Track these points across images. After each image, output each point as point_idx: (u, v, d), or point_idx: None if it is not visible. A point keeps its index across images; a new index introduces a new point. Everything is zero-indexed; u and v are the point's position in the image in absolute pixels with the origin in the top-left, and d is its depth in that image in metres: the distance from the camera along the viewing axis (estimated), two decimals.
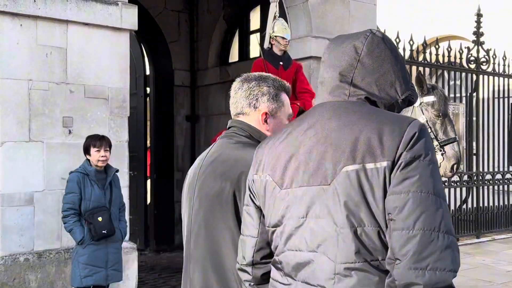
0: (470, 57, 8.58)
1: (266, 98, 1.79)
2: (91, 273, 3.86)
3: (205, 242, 1.72)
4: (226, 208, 1.67)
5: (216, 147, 1.83)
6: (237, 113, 1.84)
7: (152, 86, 8.42)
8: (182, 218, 1.90)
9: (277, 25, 4.88)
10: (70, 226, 3.87)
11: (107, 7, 4.50)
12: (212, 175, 1.73)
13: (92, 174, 3.92)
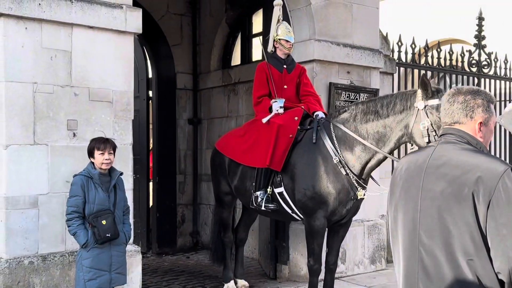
0: (471, 60, 8.60)
1: (481, 110, 2.08)
2: (95, 277, 3.85)
3: (440, 233, 1.94)
4: (465, 205, 1.89)
5: (440, 152, 2.06)
6: (453, 122, 2.12)
7: (155, 89, 8.42)
8: (389, 214, 2.19)
9: (280, 28, 4.90)
10: (74, 229, 3.85)
11: (111, 10, 4.51)
12: (445, 177, 1.97)
13: (96, 177, 3.90)
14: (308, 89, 4.90)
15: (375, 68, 6.58)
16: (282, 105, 4.61)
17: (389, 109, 4.26)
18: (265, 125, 4.59)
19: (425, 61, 7.94)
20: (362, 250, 6.41)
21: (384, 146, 4.33)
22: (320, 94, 6.09)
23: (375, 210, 6.62)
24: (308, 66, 6.07)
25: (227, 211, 5.39)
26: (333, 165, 4.38)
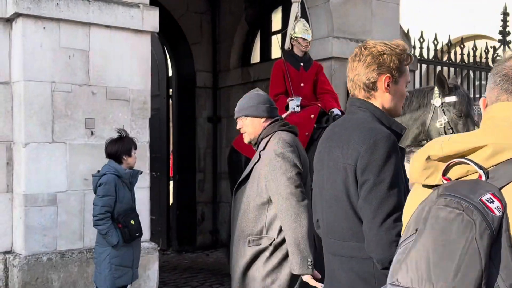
0: (496, 56, 8.41)
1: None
2: (122, 274, 3.87)
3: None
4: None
5: None
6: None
7: (175, 87, 8.47)
8: None
9: (298, 26, 4.86)
10: (106, 229, 3.80)
11: (128, 9, 4.53)
12: None
13: (127, 176, 3.90)
14: (325, 86, 4.85)
15: None
16: (298, 103, 4.57)
17: (406, 106, 4.21)
18: None
19: (448, 58, 7.80)
20: None
21: (401, 144, 4.25)
22: (339, 92, 6.03)
23: None
24: (326, 63, 6.03)
25: None
26: None
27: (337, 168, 1.85)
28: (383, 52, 1.90)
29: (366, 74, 1.90)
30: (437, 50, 7.59)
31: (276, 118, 2.88)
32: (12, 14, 4.22)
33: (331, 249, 1.92)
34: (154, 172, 8.80)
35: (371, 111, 1.90)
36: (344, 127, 1.93)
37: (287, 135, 2.77)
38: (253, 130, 2.86)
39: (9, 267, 4.24)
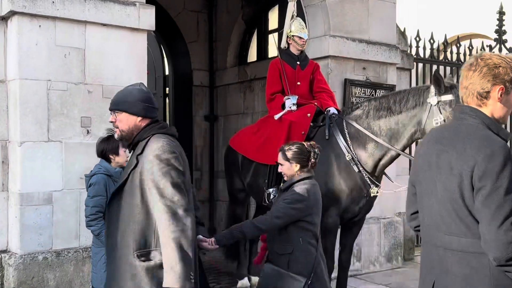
0: None
1: None
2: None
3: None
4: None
5: None
6: None
7: (171, 86, 8.46)
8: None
9: (294, 24, 4.86)
10: (98, 230, 3.75)
11: (124, 7, 4.52)
12: None
13: (118, 175, 3.86)
14: (321, 85, 4.85)
15: (392, 64, 6.49)
16: (295, 102, 4.57)
17: (402, 105, 4.21)
18: (277, 122, 4.56)
19: (444, 57, 7.82)
20: (378, 248, 6.35)
21: (397, 143, 4.27)
22: (335, 91, 6.03)
23: (392, 207, 6.54)
24: (323, 62, 6.03)
25: (240, 208, 5.38)
26: (346, 162, 4.33)
27: (451, 172, 2.04)
28: (499, 64, 2.05)
29: (480, 83, 2.06)
30: (433, 49, 7.60)
31: (155, 120, 2.66)
32: (8, 12, 4.21)
33: (441, 243, 2.10)
34: None
35: (481, 119, 2.07)
36: (455, 132, 2.11)
37: (168, 140, 2.54)
38: (127, 128, 2.59)
39: (4, 266, 4.23)
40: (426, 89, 4.21)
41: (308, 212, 3.19)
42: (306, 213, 3.18)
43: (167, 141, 2.53)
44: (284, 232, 3.17)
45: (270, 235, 3.30)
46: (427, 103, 4.10)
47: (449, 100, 4.04)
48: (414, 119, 4.18)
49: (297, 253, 3.14)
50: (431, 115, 4.07)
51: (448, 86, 4.06)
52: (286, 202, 3.17)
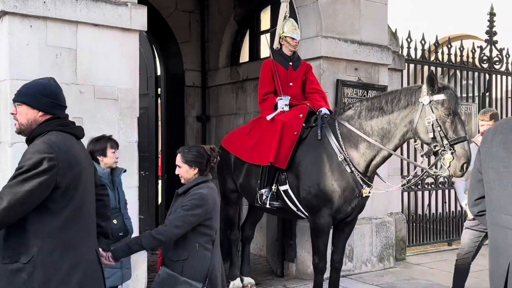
0: (482, 56, 8.49)
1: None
2: (109, 275, 3.81)
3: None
4: None
5: None
6: None
7: (163, 86, 8.44)
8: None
9: (287, 25, 4.87)
10: None
11: (116, 8, 4.51)
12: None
13: (106, 176, 3.86)
14: (314, 86, 4.87)
15: (384, 65, 6.52)
16: (287, 103, 4.59)
17: (394, 105, 4.22)
18: (270, 123, 4.57)
19: (435, 57, 7.86)
20: (370, 248, 6.37)
21: (388, 143, 4.29)
22: (327, 91, 6.05)
23: (383, 207, 6.57)
24: (315, 63, 6.04)
25: (233, 208, 5.38)
26: (338, 162, 4.35)
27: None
28: None
29: None
30: (424, 49, 7.64)
31: (57, 116, 2.52)
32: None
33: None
34: (142, 171, 8.77)
35: None
36: None
37: (56, 138, 2.40)
38: (26, 122, 2.48)
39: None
40: (418, 89, 4.23)
41: (207, 216, 3.08)
42: (206, 218, 3.08)
43: (53, 139, 2.39)
44: (181, 238, 3.05)
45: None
46: (419, 103, 4.12)
47: (441, 99, 4.05)
48: (406, 119, 4.19)
49: (192, 259, 3.05)
50: (423, 114, 4.09)
51: (441, 86, 4.08)
52: (185, 209, 3.05)
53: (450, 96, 4.10)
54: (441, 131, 4.04)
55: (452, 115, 4.07)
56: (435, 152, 4.10)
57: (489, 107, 8.40)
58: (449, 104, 4.07)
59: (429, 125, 4.03)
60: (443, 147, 4.03)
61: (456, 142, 4.03)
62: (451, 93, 4.11)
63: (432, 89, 4.08)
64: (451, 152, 4.00)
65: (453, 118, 4.06)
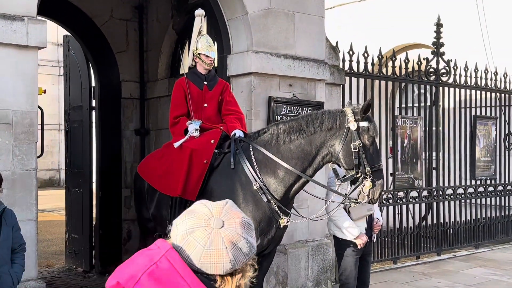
0: (429, 68, 8.32)
1: None
2: None
3: None
4: None
5: None
6: None
7: (98, 98, 8.00)
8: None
9: (201, 41, 4.52)
10: None
11: (10, 23, 4.09)
12: None
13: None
14: (230, 107, 4.52)
15: (320, 80, 6.23)
16: (197, 127, 4.22)
17: (316, 126, 4.01)
18: (178, 150, 4.21)
19: (379, 70, 7.63)
20: (306, 272, 6.07)
21: (310, 167, 4.05)
22: (259, 109, 5.74)
23: (321, 228, 6.28)
24: (246, 79, 5.73)
25: (151, 238, 4.97)
26: (253, 191, 4.02)
27: None
28: None
29: None
30: (367, 63, 7.40)
31: None
32: None
33: None
34: (76, 188, 8.32)
35: None
36: None
37: None
38: None
39: None
40: (341, 113, 4.06)
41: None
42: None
43: None
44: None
45: None
46: (345, 127, 3.96)
47: (366, 126, 3.98)
48: (329, 141, 4.00)
49: None
50: (349, 139, 3.94)
51: (367, 115, 3.99)
52: None
53: (374, 125, 4.08)
54: (365, 158, 3.90)
55: (374, 143, 3.96)
56: (354, 179, 3.93)
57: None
58: (374, 132, 4.03)
59: (355, 151, 3.90)
60: (365, 174, 3.89)
61: (376, 170, 3.91)
62: (374, 122, 4.11)
63: (364, 116, 3.99)
64: (371, 180, 3.87)
65: (374, 147, 3.95)
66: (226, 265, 1.35)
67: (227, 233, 1.38)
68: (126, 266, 1.39)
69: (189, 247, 1.37)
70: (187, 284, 1.31)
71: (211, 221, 1.39)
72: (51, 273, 7.76)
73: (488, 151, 9.16)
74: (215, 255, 1.35)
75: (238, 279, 1.38)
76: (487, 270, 7.42)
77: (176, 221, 1.45)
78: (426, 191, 8.21)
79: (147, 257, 1.37)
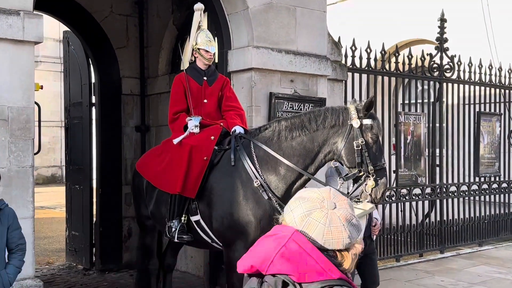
0: (433, 64, 8.21)
1: None
2: None
3: None
4: None
5: None
6: None
7: (98, 94, 7.92)
8: None
9: (200, 36, 4.43)
10: None
11: (6, 17, 4.01)
12: None
13: None
14: (230, 103, 4.44)
15: (322, 76, 6.15)
16: (197, 124, 4.15)
17: (318, 123, 3.93)
18: (178, 147, 4.13)
19: (382, 66, 7.54)
20: None
21: (311, 164, 3.97)
22: (260, 105, 5.66)
23: None
24: (246, 74, 5.65)
25: (149, 236, 4.92)
26: (254, 189, 3.95)
27: None
28: None
29: None
30: (370, 58, 7.31)
31: None
32: None
33: None
34: (76, 185, 8.26)
35: None
36: None
37: None
38: None
39: None
40: (344, 110, 3.98)
41: None
42: None
43: None
44: None
45: None
46: (348, 124, 3.87)
47: (370, 124, 3.89)
48: (331, 139, 3.92)
49: None
50: (352, 137, 3.87)
51: (371, 113, 3.92)
52: None
53: (378, 122, 3.99)
54: (368, 157, 3.83)
55: (377, 141, 3.87)
56: (357, 177, 3.84)
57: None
58: (377, 130, 3.94)
59: (358, 149, 3.81)
60: (367, 172, 3.81)
61: (379, 168, 3.82)
62: (377, 119, 4.01)
63: (366, 113, 3.91)
64: (374, 179, 3.78)
65: (378, 145, 3.86)
66: (345, 240, 1.52)
67: (341, 212, 1.55)
68: (254, 252, 1.56)
69: (310, 227, 1.53)
70: (315, 261, 1.47)
71: (324, 203, 1.56)
72: (51, 271, 7.71)
73: (492, 148, 9.07)
74: (336, 232, 1.52)
75: (353, 253, 1.56)
76: (491, 268, 7.33)
77: (289, 207, 1.60)
78: (430, 188, 8.12)
79: (276, 241, 1.51)
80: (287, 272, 1.47)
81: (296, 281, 1.46)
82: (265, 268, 1.49)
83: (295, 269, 1.46)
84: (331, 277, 1.46)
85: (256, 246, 1.58)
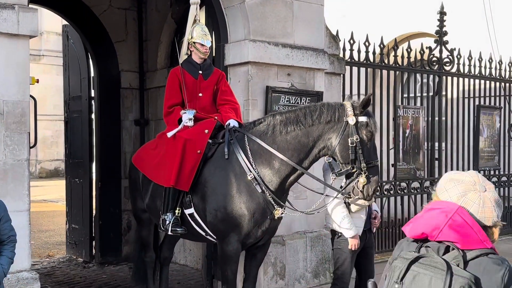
0: (432, 58, 8.19)
1: None
2: None
3: None
4: None
5: None
6: None
7: (97, 88, 7.94)
8: None
9: (196, 30, 4.44)
10: None
11: (1, 11, 4.02)
12: None
13: None
14: (225, 97, 4.45)
15: (320, 70, 6.14)
16: (191, 117, 4.16)
17: (314, 118, 3.93)
18: (172, 140, 4.15)
19: (381, 60, 7.52)
20: (304, 263, 6.02)
21: (306, 159, 3.98)
22: (256, 99, 5.66)
23: (320, 220, 6.21)
24: (243, 68, 5.65)
25: (146, 229, 4.95)
26: (247, 182, 3.96)
27: None
28: None
29: None
30: (368, 52, 7.29)
31: None
32: None
33: None
34: (76, 178, 8.29)
35: None
36: None
37: None
38: None
39: None
40: (340, 106, 3.98)
41: None
42: None
43: None
44: None
45: None
46: (343, 121, 3.87)
47: (365, 121, 3.89)
48: (326, 134, 3.91)
49: None
50: (347, 133, 3.86)
51: (367, 111, 3.90)
52: None
53: (373, 120, 3.98)
54: (362, 154, 3.83)
55: (372, 139, 3.88)
56: (349, 174, 3.84)
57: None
58: (373, 127, 3.93)
59: (352, 146, 3.81)
60: (360, 169, 3.81)
61: (372, 166, 3.83)
62: (373, 117, 4.01)
63: (363, 111, 3.91)
64: (366, 176, 3.78)
65: (372, 143, 3.87)
66: (495, 218, 1.84)
67: (491, 195, 1.85)
68: (422, 222, 1.83)
69: (466, 206, 1.80)
70: (476, 234, 1.76)
71: (477, 186, 1.84)
72: (51, 264, 7.76)
73: (492, 142, 9.05)
74: (488, 211, 1.82)
75: (498, 228, 1.88)
76: None
77: (443, 187, 1.87)
78: (428, 181, 8.12)
79: (442, 213, 1.78)
80: (453, 240, 1.75)
81: (460, 248, 1.74)
82: (435, 235, 1.77)
83: (460, 238, 1.75)
84: (486, 246, 1.76)
85: (422, 217, 1.84)
